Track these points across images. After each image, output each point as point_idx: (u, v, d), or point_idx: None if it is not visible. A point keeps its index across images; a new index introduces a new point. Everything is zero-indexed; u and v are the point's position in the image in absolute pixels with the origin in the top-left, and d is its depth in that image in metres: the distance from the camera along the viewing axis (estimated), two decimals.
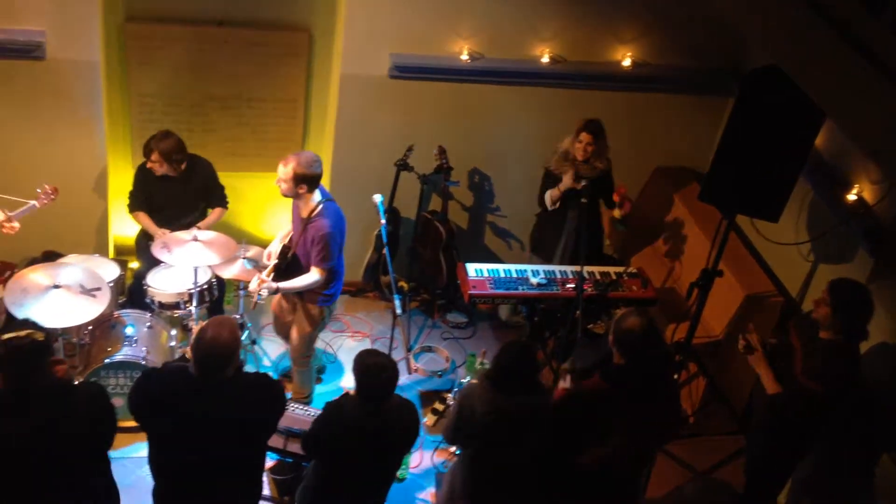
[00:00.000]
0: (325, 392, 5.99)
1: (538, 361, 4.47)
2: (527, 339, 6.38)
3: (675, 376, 5.73)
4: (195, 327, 4.23)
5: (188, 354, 4.03)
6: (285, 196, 5.11)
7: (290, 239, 5.34)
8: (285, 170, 4.97)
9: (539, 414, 4.40)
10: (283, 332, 5.75)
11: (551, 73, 6.36)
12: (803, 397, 4.68)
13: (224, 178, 6.18)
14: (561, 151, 5.94)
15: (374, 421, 4.10)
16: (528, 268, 5.95)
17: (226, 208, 6.14)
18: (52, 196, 5.29)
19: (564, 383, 4.72)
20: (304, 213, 5.15)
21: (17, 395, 3.65)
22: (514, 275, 5.88)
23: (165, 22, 6.08)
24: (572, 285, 5.75)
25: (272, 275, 5.24)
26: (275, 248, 5.43)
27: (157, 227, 5.89)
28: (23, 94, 5.86)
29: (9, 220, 5.08)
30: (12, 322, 5.11)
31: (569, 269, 5.93)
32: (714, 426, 6.08)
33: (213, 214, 6.04)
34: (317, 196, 5.11)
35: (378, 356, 4.23)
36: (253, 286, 5.15)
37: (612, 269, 6.04)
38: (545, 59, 6.33)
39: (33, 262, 5.73)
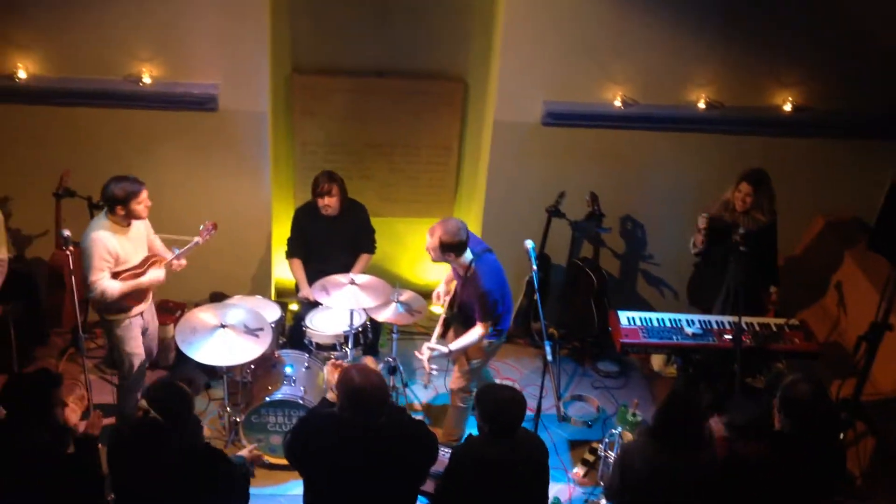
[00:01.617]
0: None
1: (703, 415, 4.22)
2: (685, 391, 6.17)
3: (842, 436, 5.42)
4: (332, 374, 4.35)
5: (331, 398, 4.14)
6: (435, 262, 5.23)
7: (455, 291, 5.46)
8: (432, 240, 5.10)
9: (705, 474, 4.13)
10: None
11: (708, 118, 6.25)
12: None
13: (379, 223, 6.35)
14: (723, 200, 5.79)
15: (507, 455, 4.06)
16: (683, 317, 5.77)
17: (372, 253, 6.29)
18: (212, 231, 5.51)
19: (718, 427, 4.50)
20: (461, 272, 5.26)
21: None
22: (668, 324, 5.73)
23: (329, 73, 6.36)
24: (729, 336, 5.56)
25: (443, 328, 5.36)
26: (442, 290, 5.61)
27: (306, 283, 6.08)
28: (196, 143, 6.23)
29: (177, 257, 5.38)
30: (184, 360, 5.42)
31: (726, 318, 5.73)
32: (885, 489, 5.72)
33: (361, 261, 6.19)
34: (467, 256, 5.19)
35: (506, 389, 4.21)
36: (425, 356, 5.24)
37: (772, 321, 5.80)
38: (701, 105, 6.23)
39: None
